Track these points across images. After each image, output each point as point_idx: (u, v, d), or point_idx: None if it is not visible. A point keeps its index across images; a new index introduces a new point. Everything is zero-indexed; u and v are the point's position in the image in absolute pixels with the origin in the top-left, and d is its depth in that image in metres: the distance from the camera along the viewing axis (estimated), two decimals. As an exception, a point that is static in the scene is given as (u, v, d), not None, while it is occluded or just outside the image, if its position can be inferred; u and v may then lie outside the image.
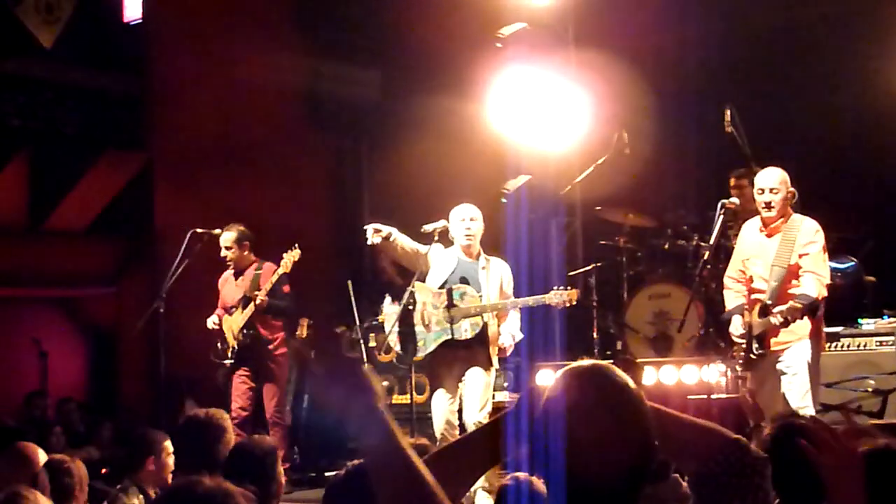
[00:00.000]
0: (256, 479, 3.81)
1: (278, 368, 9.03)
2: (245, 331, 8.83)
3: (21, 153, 11.88)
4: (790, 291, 6.90)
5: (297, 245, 8.79)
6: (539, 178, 10.97)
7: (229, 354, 8.90)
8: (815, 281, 6.82)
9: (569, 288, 7.56)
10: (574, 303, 7.56)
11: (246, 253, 8.99)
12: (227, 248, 8.96)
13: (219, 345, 8.98)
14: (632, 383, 2.33)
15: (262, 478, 3.97)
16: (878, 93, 9.89)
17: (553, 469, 2.21)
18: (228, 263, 9.02)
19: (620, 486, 2.22)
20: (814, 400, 6.95)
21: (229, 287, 9.08)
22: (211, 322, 8.99)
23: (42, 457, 5.26)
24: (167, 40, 12.20)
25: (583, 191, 10.68)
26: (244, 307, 8.83)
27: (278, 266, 8.79)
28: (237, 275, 9.05)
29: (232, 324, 8.90)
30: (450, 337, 7.58)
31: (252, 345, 8.84)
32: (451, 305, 7.59)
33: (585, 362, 2.38)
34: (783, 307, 6.77)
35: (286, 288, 8.86)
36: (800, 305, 6.73)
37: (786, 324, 6.79)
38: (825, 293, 6.84)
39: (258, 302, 8.69)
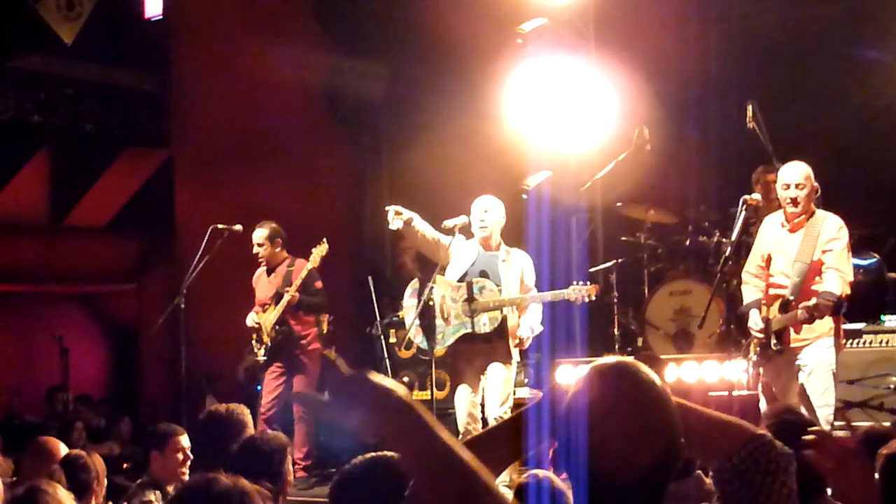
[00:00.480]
0: (263, 474, 3.79)
1: (310, 364, 9.01)
2: (277, 327, 8.84)
3: (42, 150, 11.92)
4: (812, 288, 6.85)
5: (324, 239, 8.81)
6: (560, 174, 10.95)
7: (262, 352, 8.92)
8: (838, 278, 6.76)
9: (588, 283, 7.53)
10: (593, 298, 7.54)
11: (278, 250, 9.02)
12: (259, 245, 8.98)
13: (254, 342, 9.00)
14: (658, 380, 2.30)
15: (269, 474, 3.96)
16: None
17: (576, 466, 2.18)
18: (260, 260, 9.04)
19: (645, 484, 2.19)
20: (833, 399, 6.90)
21: (262, 284, 9.11)
22: (251, 319, 9.00)
23: (63, 451, 5.28)
24: (187, 37, 12.23)
25: (603, 187, 10.64)
26: (276, 303, 8.84)
27: (306, 262, 8.82)
28: (269, 272, 9.07)
29: (265, 321, 8.91)
30: (469, 331, 7.57)
31: (284, 341, 8.86)
32: (470, 299, 7.58)
33: (611, 359, 2.36)
34: (809, 303, 6.70)
35: (318, 284, 8.90)
36: (828, 303, 6.66)
37: (811, 320, 6.72)
38: (848, 291, 6.78)
39: (289, 298, 8.71)
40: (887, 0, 10.29)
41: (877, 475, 3.25)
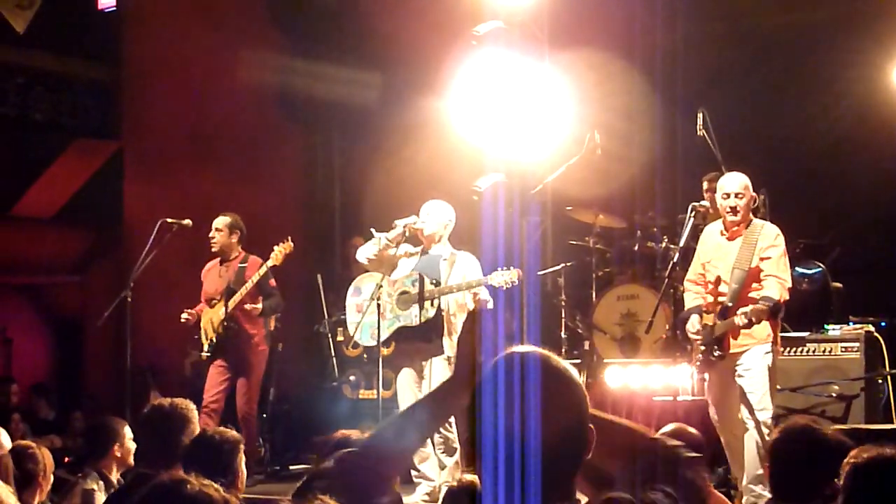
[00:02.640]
0: (216, 470, 3.78)
1: (257, 364, 8.92)
2: (226, 324, 8.72)
3: (-10, 138, 11.79)
4: (751, 295, 7.03)
5: (289, 238, 8.72)
6: (511, 176, 10.98)
7: (207, 347, 8.80)
8: (777, 284, 6.97)
9: (511, 268, 7.54)
10: (517, 283, 7.54)
11: (234, 241, 8.91)
12: (218, 230, 8.87)
13: (198, 338, 8.90)
14: (569, 369, 2.32)
15: (222, 470, 3.95)
16: (850, 101, 9.95)
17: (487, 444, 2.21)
18: (213, 247, 8.91)
19: (551, 460, 2.20)
20: (771, 403, 7.03)
21: (212, 278, 8.99)
22: (183, 317, 8.89)
23: (6, 441, 5.24)
24: (141, 29, 12.12)
25: (554, 191, 10.68)
26: (227, 299, 8.73)
27: (264, 260, 8.73)
28: (223, 263, 8.96)
29: (213, 316, 8.80)
30: (402, 324, 7.65)
31: (233, 338, 8.74)
32: (403, 293, 7.64)
33: (524, 348, 2.35)
34: (747, 308, 6.89)
35: (272, 282, 8.82)
36: (765, 307, 6.86)
37: (749, 325, 6.90)
38: (786, 296, 7.00)
39: (251, 309, 8.65)
40: (839, 11, 10.40)
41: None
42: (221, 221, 8.90)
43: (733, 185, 7.18)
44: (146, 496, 2.37)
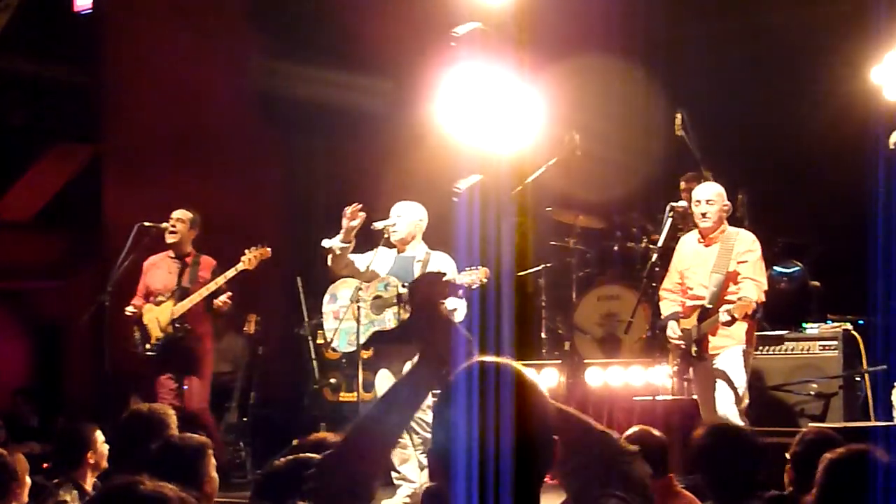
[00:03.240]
0: (185, 477, 3.75)
1: (206, 362, 8.74)
2: (177, 324, 8.51)
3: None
4: (728, 297, 7.30)
5: (264, 244, 8.53)
6: (490, 177, 10.98)
7: (151, 346, 8.55)
8: (754, 286, 7.27)
9: (479, 267, 7.52)
10: (485, 281, 7.52)
11: (192, 238, 8.77)
12: (180, 221, 8.69)
13: (136, 335, 8.61)
14: (537, 382, 2.34)
15: (191, 476, 3.91)
16: (830, 101, 9.98)
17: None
18: (170, 239, 8.69)
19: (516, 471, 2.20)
20: (745, 400, 7.29)
21: (160, 273, 8.76)
22: (129, 311, 8.62)
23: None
24: (117, 32, 12.07)
25: (533, 192, 10.69)
26: (179, 298, 8.54)
27: (214, 262, 8.59)
28: (174, 258, 8.77)
29: (160, 314, 8.55)
30: (377, 328, 7.64)
31: (182, 338, 8.52)
32: (376, 297, 7.64)
33: (492, 357, 2.36)
34: (730, 306, 7.12)
35: (228, 294, 8.58)
36: (747, 303, 7.07)
37: (732, 321, 7.12)
38: (763, 298, 7.29)
39: (220, 305, 8.44)
40: (816, 15, 10.43)
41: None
42: (183, 214, 8.75)
43: (705, 192, 7.54)
44: (99, 497, 2.36)
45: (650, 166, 10.49)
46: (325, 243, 7.81)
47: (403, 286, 7.63)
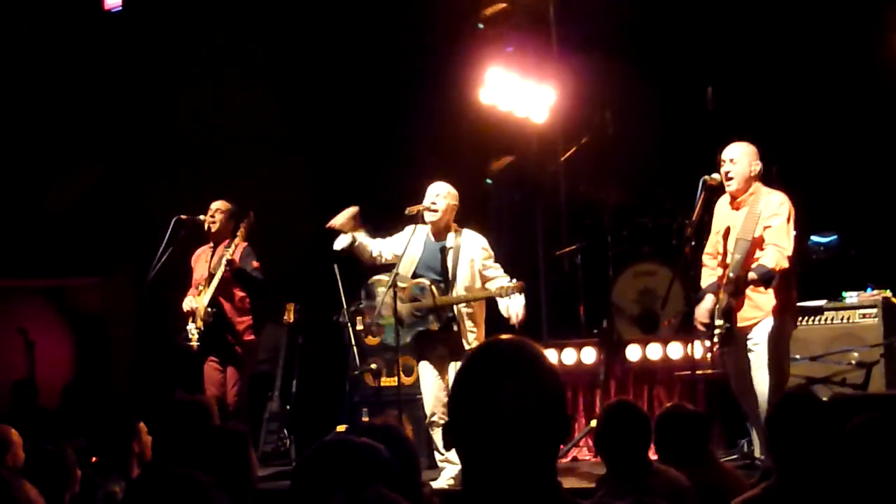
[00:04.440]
0: (230, 465, 3.79)
1: (244, 354, 8.76)
2: (209, 308, 8.54)
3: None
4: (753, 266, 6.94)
5: (250, 212, 8.61)
6: (523, 159, 11.01)
7: (196, 337, 8.59)
8: (775, 252, 6.84)
9: (514, 280, 7.51)
10: (519, 294, 7.49)
11: (231, 227, 8.79)
12: (219, 211, 8.77)
13: (188, 327, 8.68)
14: (550, 359, 2.38)
15: (236, 464, 3.95)
16: (872, 66, 9.85)
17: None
18: (212, 227, 8.77)
19: (532, 448, 2.25)
20: (786, 373, 7.03)
21: (200, 265, 8.86)
22: (187, 303, 8.71)
23: (16, 438, 5.30)
24: (155, 30, 12.06)
25: (567, 171, 10.70)
26: (209, 284, 8.58)
27: (245, 244, 8.61)
28: (213, 248, 8.84)
29: (199, 303, 8.62)
30: (422, 329, 7.71)
31: (217, 323, 8.55)
32: (414, 299, 7.69)
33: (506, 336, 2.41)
34: (732, 276, 6.86)
35: (255, 263, 8.63)
36: (755, 276, 6.79)
37: (736, 293, 6.85)
38: (785, 265, 6.84)
39: (222, 270, 8.43)
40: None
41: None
42: (222, 204, 8.81)
43: (729, 151, 7.16)
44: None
45: (683, 142, 10.43)
46: (336, 246, 7.93)
47: (440, 283, 7.66)
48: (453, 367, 7.67)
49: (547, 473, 2.28)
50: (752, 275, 6.83)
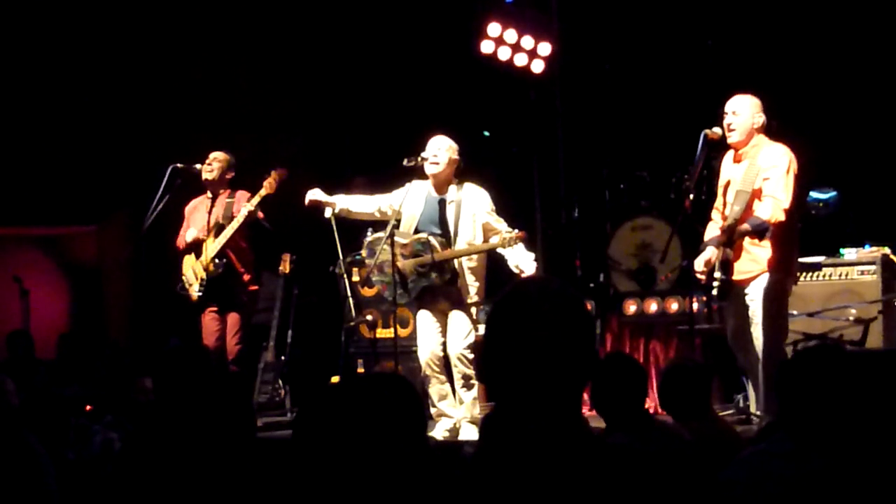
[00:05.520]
0: (230, 410, 3.77)
1: (249, 304, 8.74)
2: (217, 260, 8.49)
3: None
4: None
5: (283, 168, 8.52)
6: (521, 111, 10.96)
7: (197, 287, 8.57)
8: (771, 204, 6.73)
9: (515, 230, 7.46)
10: (520, 245, 7.44)
11: (228, 178, 8.75)
12: (217, 160, 8.67)
13: (185, 276, 8.66)
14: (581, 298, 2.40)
15: (237, 409, 3.93)
16: (875, 22, 9.77)
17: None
18: (208, 175, 8.66)
19: (564, 380, 2.28)
20: (783, 328, 6.99)
21: (199, 215, 8.77)
22: (191, 236, 8.63)
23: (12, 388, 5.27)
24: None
25: (565, 122, 10.65)
26: (217, 235, 8.52)
27: (251, 194, 8.52)
28: (210, 198, 8.76)
29: (203, 254, 8.57)
30: (426, 284, 7.69)
31: (225, 276, 8.51)
32: (416, 255, 7.66)
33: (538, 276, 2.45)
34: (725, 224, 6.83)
35: (261, 214, 8.55)
36: (747, 227, 6.74)
37: (728, 243, 6.80)
38: (781, 217, 6.71)
39: (248, 212, 8.34)
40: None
41: None
42: (221, 155, 8.73)
43: (731, 103, 7.06)
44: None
45: (684, 96, 10.36)
46: (326, 215, 7.97)
47: (440, 238, 7.63)
48: (453, 316, 7.64)
49: (574, 407, 2.30)
50: (745, 226, 6.76)
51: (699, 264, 7.00)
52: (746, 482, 3.17)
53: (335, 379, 8.66)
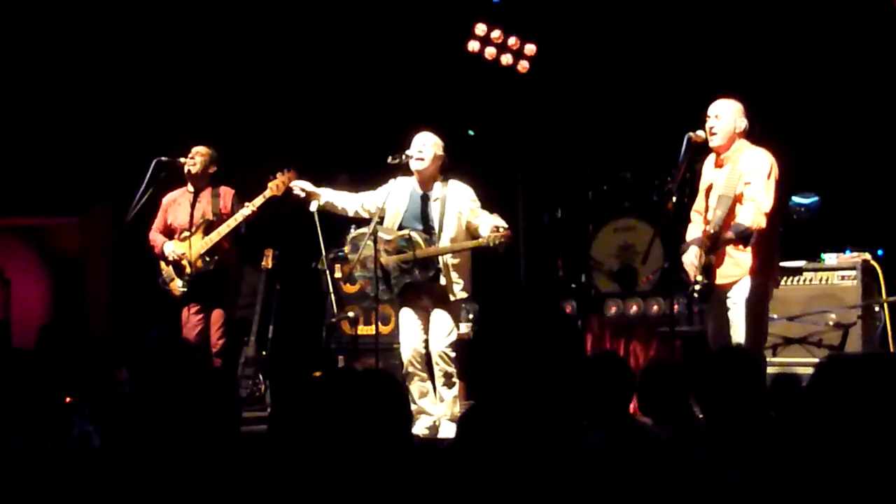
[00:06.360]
0: (212, 403, 3.76)
1: (232, 296, 8.82)
2: (208, 258, 8.53)
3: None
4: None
5: (292, 166, 8.48)
6: (506, 110, 10.97)
7: (180, 283, 8.58)
8: (753, 209, 6.71)
9: (501, 229, 7.42)
10: (506, 242, 7.43)
11: (210, 172, 8.74)
12: (200, 154, 8.65)
13: (164, 271, 8.65)
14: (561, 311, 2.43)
15: (219, 402, 3.93)
16: (860, 27, 9.79)
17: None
18: (191, 168, 8.63)
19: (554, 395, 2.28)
20: (763, 333, 7.00)
21: (181, 209, 8.74)
22: (171, 252, 8.62)
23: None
24: None
25: (549, 124, 10.67)
26: (206, 232, 8.55)
27: (233, 191, 8.55)
28: (193, 193, 8.72)
29: (187, 249, 8.56)
30: (409, 281, 7.67)
31: (214, 272, 8.53)
32: (400, 251, 7.65)
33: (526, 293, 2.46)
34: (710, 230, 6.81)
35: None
36: (731, 235, 6.70)
37: (712, 250, 6.80)
38: (762, 223, 6.69)
39: (247, 213, 8.37)
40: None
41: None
42: (203, 149, 8.71)
43: (714, 107, 7.04)
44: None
45: (668, 99, 10.39)
46: (311, 209, 8.00)
47: (424, 233, 7.63)
48: (436, 314, 7.65)
49: (560, 411, 2.31)
50: (728, 234, 6.73)
51: (688, 259, 6.99)
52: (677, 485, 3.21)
53: (317, 374, 8.64)
